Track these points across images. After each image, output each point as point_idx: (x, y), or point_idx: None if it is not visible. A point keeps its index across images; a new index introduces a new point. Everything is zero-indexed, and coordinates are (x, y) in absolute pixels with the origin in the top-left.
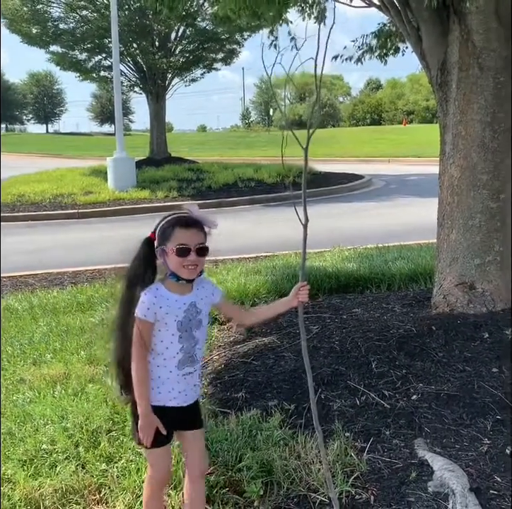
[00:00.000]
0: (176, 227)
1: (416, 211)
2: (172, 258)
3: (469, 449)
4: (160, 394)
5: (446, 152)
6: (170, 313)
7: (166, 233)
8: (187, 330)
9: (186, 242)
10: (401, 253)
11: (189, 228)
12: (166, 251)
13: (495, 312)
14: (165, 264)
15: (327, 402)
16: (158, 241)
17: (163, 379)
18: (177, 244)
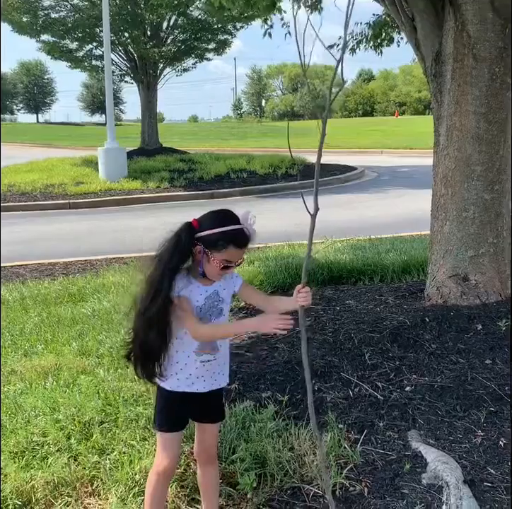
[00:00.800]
0: (230, 245)
1: (409, 202)
2: (213, 268)
3: (462, 441)
4: (178, 380)
5: (440, 143)
6: (192, 298)
7: (218, 244)
8: (207, 317)
9: (233, 259)
10: (394, 245)
11: (242, 248)
12: (209, 257)
13: (488, 304)
14: (201, 263)
15: (320, 394)
16: (205, 242)
17: (181, 365)
18: (225, 260)
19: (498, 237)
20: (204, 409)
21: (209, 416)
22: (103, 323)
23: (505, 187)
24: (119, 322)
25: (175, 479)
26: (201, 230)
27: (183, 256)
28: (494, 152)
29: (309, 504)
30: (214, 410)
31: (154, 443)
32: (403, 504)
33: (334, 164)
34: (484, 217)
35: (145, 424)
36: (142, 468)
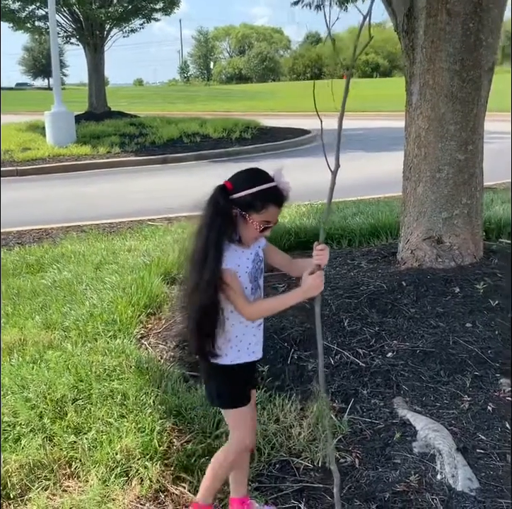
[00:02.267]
0: (270, 205)
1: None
2: (252, 231)
3: (450, 407)
4: (239, 351)
5: (413, 102)
6: (242, 265)
7: (257, 205)
8: (256, 280)
9: (272, 219)
10: (359, 208)
11: (280, 207)
12: (247, 220)
13: (464, 267)
14: (236, 226)
15: (300, 363)
16: (241, 205)
17: (240, 337)
18: (265, 221)
19: (471, 198)
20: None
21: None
22: (66, 294)
23: (479, 147)
24: (82, 293)
25: (159, 458)
26: (235, 192)
27: (226, 222)
28: (468, 111)
29: (299, 478)
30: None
31: (133, 420)
32: (396, 474)
33: (287, 127)
34: (458, 178)
35: (121, 400)
36: (123, 447)
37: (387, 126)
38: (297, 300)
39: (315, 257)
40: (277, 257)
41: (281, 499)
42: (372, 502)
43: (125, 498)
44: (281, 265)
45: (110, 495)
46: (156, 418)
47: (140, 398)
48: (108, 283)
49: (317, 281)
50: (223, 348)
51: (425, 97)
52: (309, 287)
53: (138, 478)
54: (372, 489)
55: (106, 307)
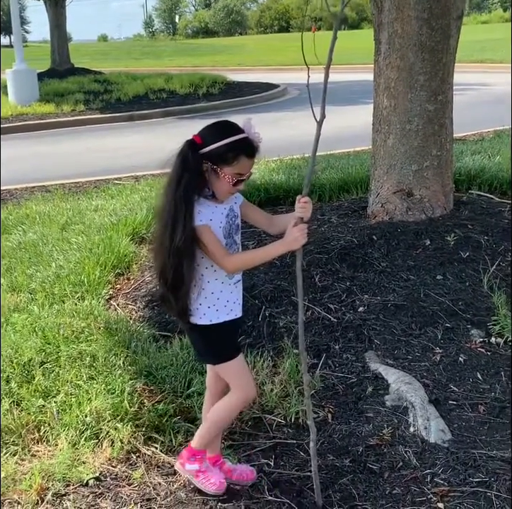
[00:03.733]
0: (242, 156)
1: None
2: (225, 185)
3: (421, 360)
4: (217, 311)
5: (382, 52)
6: (215, 220)
7: (228, 157)
8: (230, 236)
9: (245, 172)
10: (329, 162)
11: (253, 158)
12: (219, 174)
13: (434, 219)
14: (208, 181)
15: (272, 319)
16: (212, 158)
17: (216, 295)
18: (237, 174)
19: (441, 149)
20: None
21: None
22: (31, 256)
23: (448, 97)
24: (48, 254)
25: (129, 419)
26: (205, 146)
27: (196, 177)
28: (437, 60)
29: (272, 434)
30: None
31: (103, 382)
32: (369, 428)
33: (255, 82)
34: (428, 129)
35: (90, 362)
36: (92, 409)
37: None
38: (280, 252)
39: (298, 210)
40: (255, 214)
41: (253, 456)
42: (345, 457)
43: (96, 460)
44: (260, 222)
45: (80, 458)
46: (126, 379)
47: (109, 359)
48: (75, 243)
49: (301, 233)
50: (200, 308)
51: (394, 46)
52: (292, 239)
53: (109, 440)
54: (345, 443)
55: (73, 269)
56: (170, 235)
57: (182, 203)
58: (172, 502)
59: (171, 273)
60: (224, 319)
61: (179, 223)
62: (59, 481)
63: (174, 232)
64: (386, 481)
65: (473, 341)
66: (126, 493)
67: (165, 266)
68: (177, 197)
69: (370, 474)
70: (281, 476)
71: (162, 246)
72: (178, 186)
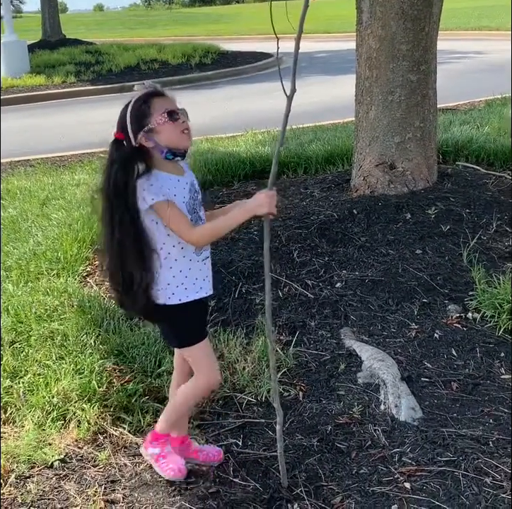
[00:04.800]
0: (152, 99)
1: (328, 89)
2: (167, 127)
3: (396, 336)
4: (186, 289)
5: (363, 21)
6: (178, 194)
7: (143, 111)
8: (195, 211)
9: (169, 107)
10: (316, 134)
11: (164, 96)
12: (154, 127)
13: (416, 192)
14: (156, 145)
15: (248, 296)
16: (136, 126)
17: (184, 273)
18: (164, 111)
19: (424, 120)
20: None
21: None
22: (10, 232)
23: (431, 67)
24: (27, 230)
25: (97, 399)
26: (127, 134)
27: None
28: (420, 29)
29: (242, 413)
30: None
31: (72, 362)
32: (340, 406)
33: (249, 51)
34: (411, 100)
35: (61, 341)
36: (60, 390)
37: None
38: (245, 217)
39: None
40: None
41: (222, 436)
42: (314, 436)
43: (62, 442)
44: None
45: (46, 439)
46: (96, 358)
47: (80, 338)
48: (54, 219)
49: (266, 199)
50: (168, 288)
51: (375, 14)
52: (257, 204)
53: (76, 421)
54: (314, 422)
55: (51, 245)
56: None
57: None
58: (137, 483)
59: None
60: (194, 297)
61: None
62: (24, 463)
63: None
64: (353, 461)
65: (449, 317)
66: (90, 475)
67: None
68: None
69: (338, 454)
70: (249, 456)
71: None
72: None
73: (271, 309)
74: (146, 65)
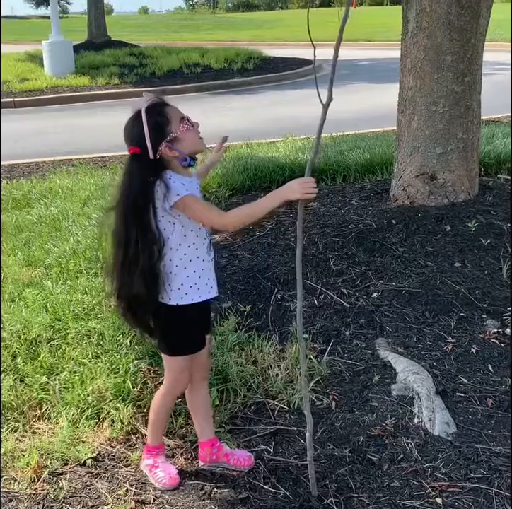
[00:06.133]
0: (164, 108)
1: (369, 97)
2: (189, 134)
3: (432, 349)
4: (199, 289)
5: (409, 31)
6: (194, 193)
7: (162, 122)
8: None
9: (181, 114)
10: (356, 142)
11: (170, 105)
12: (178, 135)
13: (456, 204)
14: (179, 153)
15: (283, 303)
16: (156, 138)
17: (198, 273)
18: (182, 118)
19: (467, 132)
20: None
21: (210, 325)
22: (51, 230)
23: (476, 78)
24: (67, 229)
25: (131, 399)
26: (144, 147)
27: (148, 190)
28: (466, 40)
29: (274, 420)
30: (209, 318)
31: (107, 361)
32: (373, 417)
33: (291, 57)
34: (454, 111)
35: (97, 340)
36: (95, 388)
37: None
38: (276, 202)
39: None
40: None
41: (253, 442)
42: (345, 446)
43: (95, 440)
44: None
45: (80, 437)
46: (131, 358)
47: (117, 338)
48: (94, 219)
49: (300, 184)
50: (182, 288)
51: (421, 24)
52: (288, 188)
53: (110, 420)
54: (346, 433)
55: (90, 244)
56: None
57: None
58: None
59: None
60: (206, 297)
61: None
62: (57, 459)
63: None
64: (385, 473)
65: (487, 332)
66: (122, 475)
67: (127, 278)
68: (129, 211)
69: (369, 465)
70: (279, 463)
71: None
72: (128, 202)
73: (301, 315)
74: (188, 69)
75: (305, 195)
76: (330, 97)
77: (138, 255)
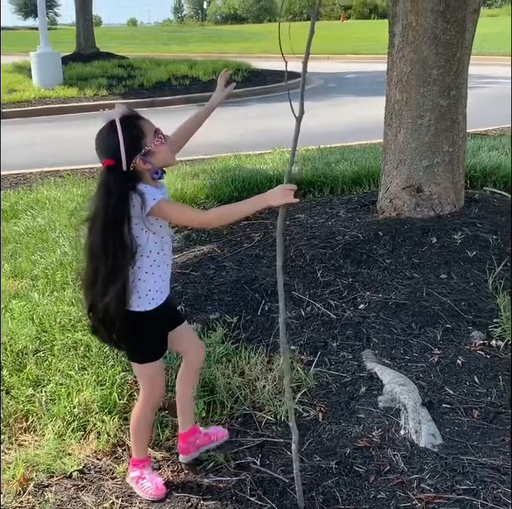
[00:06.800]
0: (139, 121)
1: (357, 110)
2: (164, 147)
3: (419, 361)
4: (162, 293)
5: (395, 45)
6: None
7: (137, 135)
8: None
9: (153, 127)
10: (343, 155)
11: (143, 118)
12: (152, 148)
13: (443, 216)
14: (152, 166)
15: (271, 314)
16: (131, 151)
17: (163, 277)
18: (155, 131)
19: (453, 145)
20: (173, 312)
21: (178, 317)
22: (37, 242)
23: (462, 92)
24: (54, 240)
25: (118, 411)
26: (119, 159)
27: (125, 199)
28: (452, 54)
29: (261, 432)
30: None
31: (94, 373)
32: (359, 429)
33: (278, 70)
34: (440, 124)
35: (84, 352)
36: (81, 401)
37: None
38: (257, 206)
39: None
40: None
41: (240, 454)
42: (332, 458)
43: (81, 452)
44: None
45: (66, 449)
46: (118, 370)
47: (103, 350)
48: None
49: (282, 190)
50: (149, 294)
51: (407, 39)
52: (271, 194)
53: (96, 433)
54: (333, 444)
55: (77, 255)
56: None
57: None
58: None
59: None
60: (163, 299)
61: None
62: (43, 472)
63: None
64: (371, 485)
65: (473, 343)
66: (108, 487)
67: (100, 291)
68: (107, 223)
69: (356, 477)
70: (266, 475)
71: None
72: (106, 214)
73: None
74: (177, 81)
75: (286, 200)
76: (302, 111)
77: (117, 265)
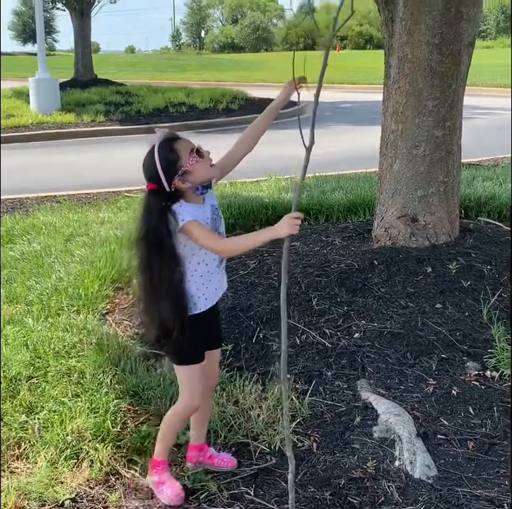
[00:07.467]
0: (174, 144)
1: (351, 139)
2: (199, 165)
3: (414, 391)
4: (206, 299)
5: (391, 76)
6: (200, 217)
7: (172, 158)
8: (216, 228)
9: (191, 146)
10: (339, 183)
11: (180, 138)
12: (188, 168)
13: (438, 246)
14: (191, 184)
15: (265, 342)
16: (169, 174)
17: (206, 284)
18: (190, 151)
19: (448, 175)
20: (216, 329)
21: (218, 338)
22: (33, 267)
23: (457, 124)
24: (50, 266)
25: (111, 439)
26: (160, 183)
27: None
28: (447, 86)
29: (255, 462)
30: (219, 330)
31: (87, 400)
32: (354, 460)
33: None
34: (435, 155)
35: (78, 379)
36: (74, 428)
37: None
38: (267, 238)
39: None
40: (225, 162)
41: (234, 484)
42: (326, 489)
43: (73, 481)
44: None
45: (58, 477)
46: (112, 398)
47: (97, 377)
48: (77, 256)
49: (289, 222)
50: (191, 299)
51: (403, 70)
52: (279, 226)
53: (89, 461)
54: (328, 475)
55: (72, 281)
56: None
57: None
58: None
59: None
60: (211, 304)
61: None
62: (35, 500)
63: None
64: None
65: (468, 374)
66: None
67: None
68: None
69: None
70: (260, 506)
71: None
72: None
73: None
74: (174, 108)
75: (292, 230)
76: (312, 141)
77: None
